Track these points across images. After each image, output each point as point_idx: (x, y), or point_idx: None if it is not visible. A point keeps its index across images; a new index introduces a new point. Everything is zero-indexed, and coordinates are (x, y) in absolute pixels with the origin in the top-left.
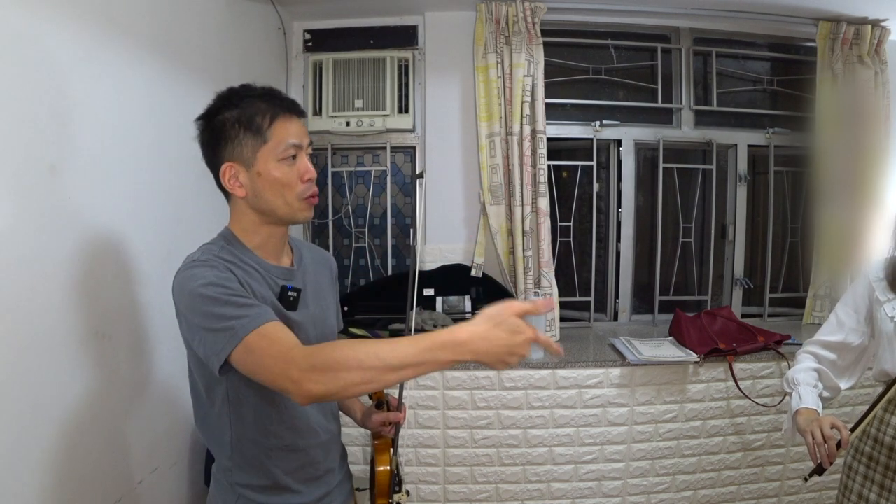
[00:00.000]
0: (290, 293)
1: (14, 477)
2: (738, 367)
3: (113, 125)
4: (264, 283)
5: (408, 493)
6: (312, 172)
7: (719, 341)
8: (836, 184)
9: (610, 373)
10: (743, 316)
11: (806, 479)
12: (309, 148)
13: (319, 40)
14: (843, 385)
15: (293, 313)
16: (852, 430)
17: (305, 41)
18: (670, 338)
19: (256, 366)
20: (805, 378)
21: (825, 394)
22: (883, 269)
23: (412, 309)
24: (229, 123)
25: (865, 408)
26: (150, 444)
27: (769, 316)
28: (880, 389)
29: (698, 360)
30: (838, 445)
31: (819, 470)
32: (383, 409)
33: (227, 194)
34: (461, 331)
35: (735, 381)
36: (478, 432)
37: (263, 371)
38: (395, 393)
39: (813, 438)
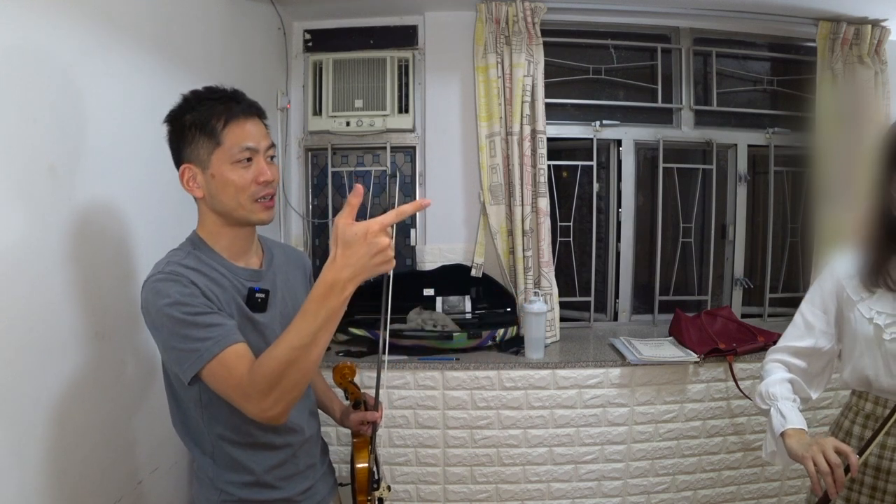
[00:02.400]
0: (257, 295)
1: (14, 477)
2: (738, 367)
3: (113, 125)
4: (231, 286)
5: (389, 487)
6: (267, 175)
7: (719, 341)
8: (836, 184)
9: (610, 373)
10: (743, 316)
11: None
12: (271, 150)
13: (319, 40)
14: (814, 394)
15: (261, 315)
16: (859, 453)
17: (305, 41)
18: (670, 338)
19: (219, 391)
20: (782, 392)
21: (800, 406)
22: (854, 264)
23: (387, 311)
24: (187, 126)
25: (837, 415)
26: (151, 444)
27: (769, 316)
28: (866, 405)
29: (698, 360)
30: (846, 471)
31: (825, 501)
32: (361, 408)
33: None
34: (326, 273)
35: (735, 381)
36: (478, 432)
37: (226, 396)
38: (372, 392)
39: (816, 466)
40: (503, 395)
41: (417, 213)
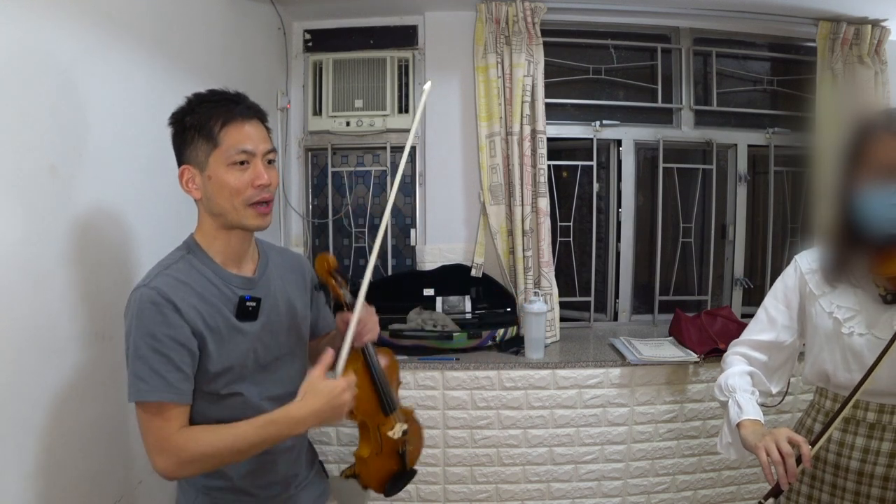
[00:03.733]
0: (247, 304)
1: (14, 477)
2: None
3: (114, 125)
4: (219, 295)
5: (404, 432)
6: (264, 179)
7: (719, 341)
8: (832, 182)
9: (610, 373)
10: (743, 316)
11: (762, 503)
12: (270, 154)
13: (319, 40)
14: (774, 389)
15: (249, 324)
16: (813, 443)
17: (305, 41)
18: (670, 338)
19: (141, 431)
20: (740, 384)
21: (759, 399)
22: (817, 259)
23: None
24: (187, 127)
25: (801, 414)
26: None
27: None
28: (826, 402)
29: (698, 360)
30: (798, 461)
31: (777, 491)
32: (343, 310)
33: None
34: (293, 410)
35: None
36: (478, 432)
37: (143, 439)
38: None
39: (768, 455)
40: (503, 395)
41: (418, 214)
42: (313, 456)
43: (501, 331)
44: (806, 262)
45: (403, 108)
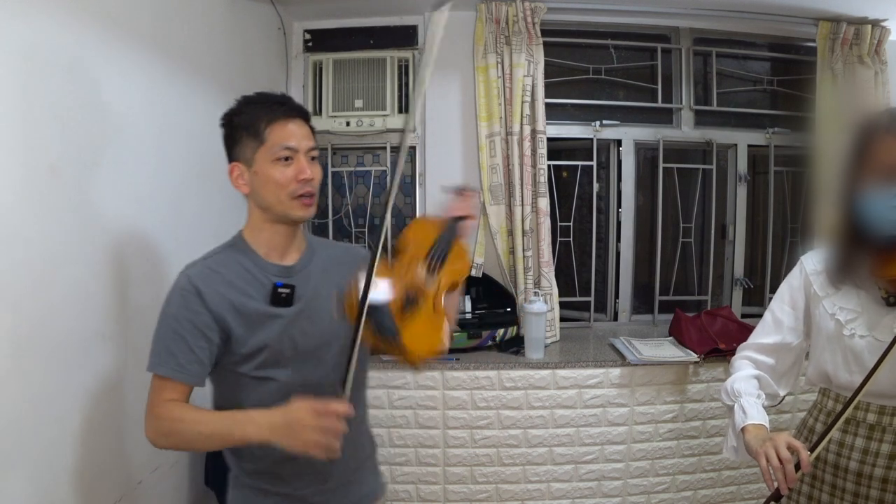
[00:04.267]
0: (280, 290)
1: (14, 477)
2: None
3: (113, 125)
4: (254, 283)
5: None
6: (307, 174)
7: (719, 341)
8: (836, 184)
9: (610, 373)
10: (743, 316)
11: None
12: (313, 151)
13: (319, 40)
14: (782, 391)
15: (284, 309)
16: (811, 450)
17: (305, 41)
18: (670, 338)
19: (147, 398)
20: (746, 388)
21: (765, 402)
22: (822, 260)
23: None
24: (235, 126)
25: (804, 414)
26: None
27: None
28: (829, 402)
29: (698, 360)
30: (797, 467)
31: (776, 496)
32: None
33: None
34: (257, 412)
35: None
36: (478, 432)
37: (146, 404)
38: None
39: (768, 461)
40: (503, 395)
41: (418, 214)
42: (363, 454)
43: (501, 331)
44: (811, 263)
45: (403, 108)
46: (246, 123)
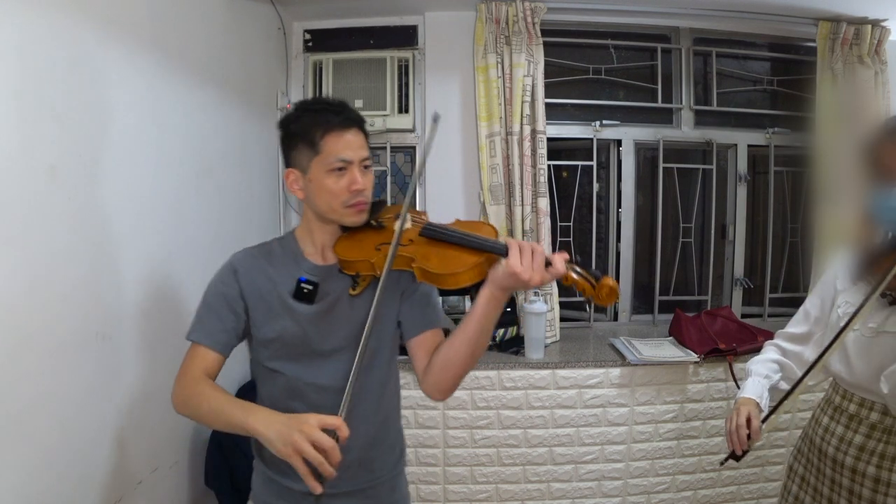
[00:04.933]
0: (302, 285)
1: (14, 477)
2: (738, 367)
3: (113, 125)
4: (286, 274)
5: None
6: (360, 184)
7: (719, 341)
8: (836, 184)
9: (610, 373)
10: (743, 316)
11: (722, 464)
12: (367, 161)
13: (319, 40)
14: (810, 381)
15: (304, 306)
16: (763, 420)
17: (305, 41)
18: (670, 338)
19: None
20: (758, 369)
21: (783, 385)
22: (851, 257)
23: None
24: (292, 133)
25: (804, 414)
26: (151, 444)
27: (769, 316)
28: (835, 396)
29: (698, 360)
30: (749, 437)
31: (733, 456)
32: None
33: None
34: (267, 408)
35: (735, 381)
36: (478, 432)
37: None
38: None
39: (728, 424)
40: (503, 395)
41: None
42: (383, 466)
43: (501, 331)
44: (843, 259)
45: (403, 108)
46: (302, 131)
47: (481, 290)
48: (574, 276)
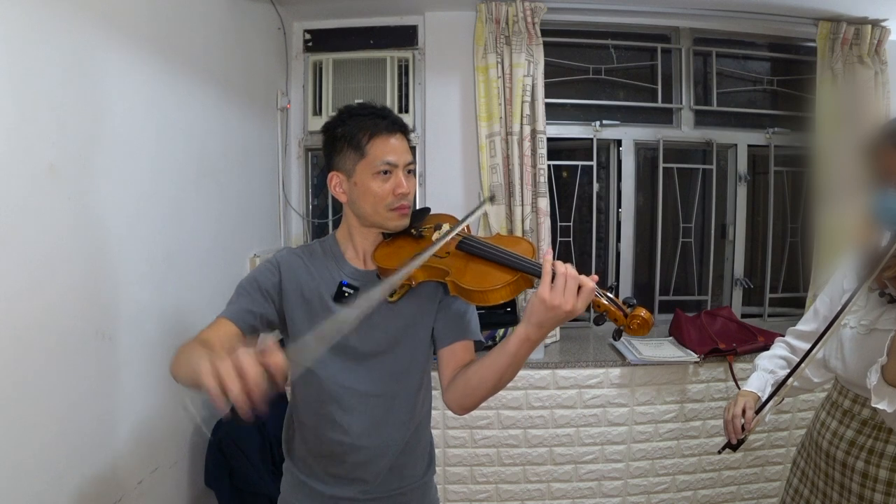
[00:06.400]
0: (344, 288)
1: (14, 477)
2: (738, 367)
3: (113, 125)
4: (328, 277)
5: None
6: (404, 188)
7: (719, 341)
8: (836, 184)
9: (610, 373)
10: (743, 316)
11: (719, 452)
12: (410, 165)
13: (319, 40)
14: (816, 379)
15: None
16: (758, 410)
17: (305, 41)
18: (670, 338)
19: None
20: (764, 364)
21: (795, 382)
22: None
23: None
24: (337, 137)
25: (804, 414)
26: (150, 444)
27: (769, 316)
28: (837, 395)
29: (698, 360)
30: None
31: (728, 445)
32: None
33: None
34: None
35: (735, 381)
36: (478, 432)
37: None
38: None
39: (725, 414)
40: (503, 395)
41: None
42: (401, 479)
43: (501, 331)
44: (852, 258)
45: (403, 108)
46: (348, 135)
47: (517, 327)
48: (605, 301)
